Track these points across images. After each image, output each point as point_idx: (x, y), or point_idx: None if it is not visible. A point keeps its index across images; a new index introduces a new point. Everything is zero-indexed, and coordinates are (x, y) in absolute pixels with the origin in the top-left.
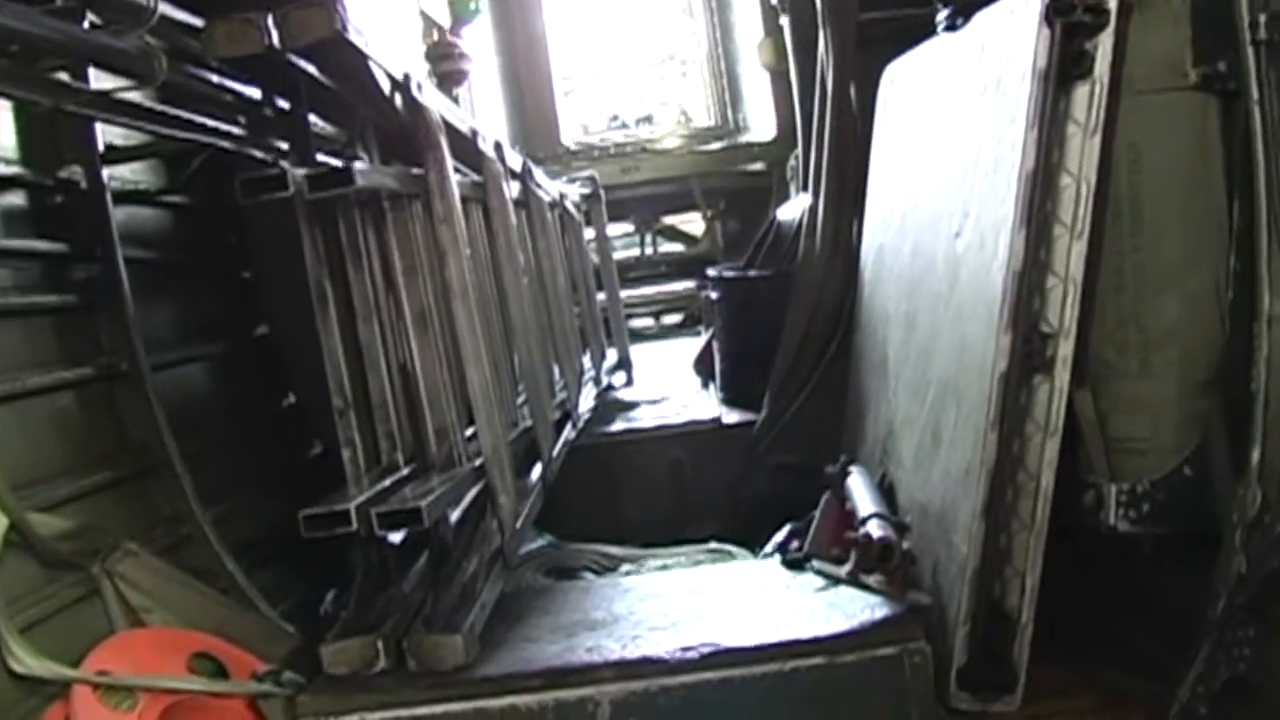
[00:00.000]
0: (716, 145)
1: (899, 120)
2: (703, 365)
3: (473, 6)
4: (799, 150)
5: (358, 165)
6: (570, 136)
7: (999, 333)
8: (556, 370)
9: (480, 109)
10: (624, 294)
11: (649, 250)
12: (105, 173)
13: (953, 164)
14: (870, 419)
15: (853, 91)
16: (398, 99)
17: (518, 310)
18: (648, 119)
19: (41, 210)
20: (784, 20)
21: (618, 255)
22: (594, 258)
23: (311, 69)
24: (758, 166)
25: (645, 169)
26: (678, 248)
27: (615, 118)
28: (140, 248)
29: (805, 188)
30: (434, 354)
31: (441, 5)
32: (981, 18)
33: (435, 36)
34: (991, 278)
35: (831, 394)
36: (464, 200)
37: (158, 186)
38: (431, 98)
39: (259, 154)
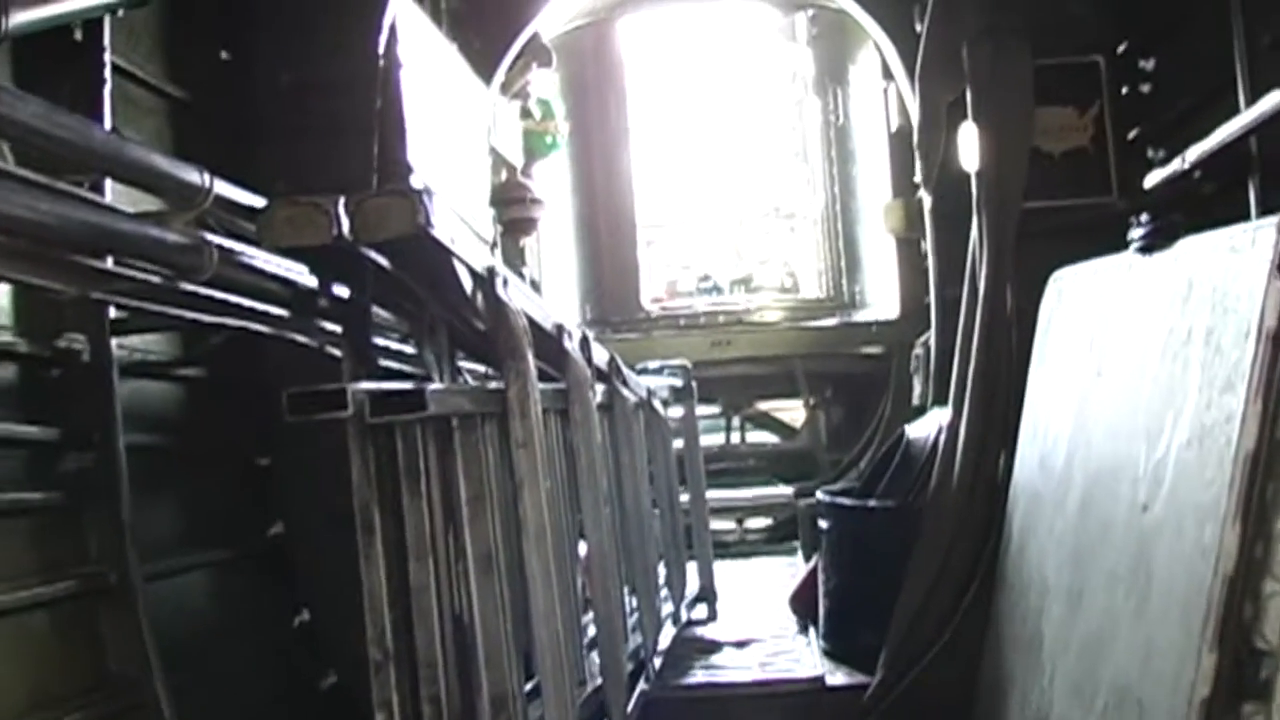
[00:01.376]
0: (827, 322)
1: (1068, 342)
2: (802, 603)
3: (550, 141)
4: (929, 337)
5: (431, 388)
6: (652, 298)
7: (1201, 647)
8: (632, 604)
9: (549, 261)
10: (710, 494)
11: (736, 439)
12: (113, 343)
13: (1140, 416)
14: (1014, 707)
15: (1009, 294)
16: (478, 296)
17: (596, 545)
18: (745, 282)
19: (34, 386)
20: (922, 191)
21: (703, 442)
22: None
23: (381, 259)
24: (874, 350)
25: (740, 344)
26: (771, 439)
27: (706, 278)
28: (145, 431)
29: (941, 399)
30: (497, 603)
31: (514, 139)
32: (1189, 246)
33: (504, 176)
34: (1193, 575)
35: (962, 662)
36: (544, 412)
37: (172, 357)
38: (516, 295)
39: (302, 339)
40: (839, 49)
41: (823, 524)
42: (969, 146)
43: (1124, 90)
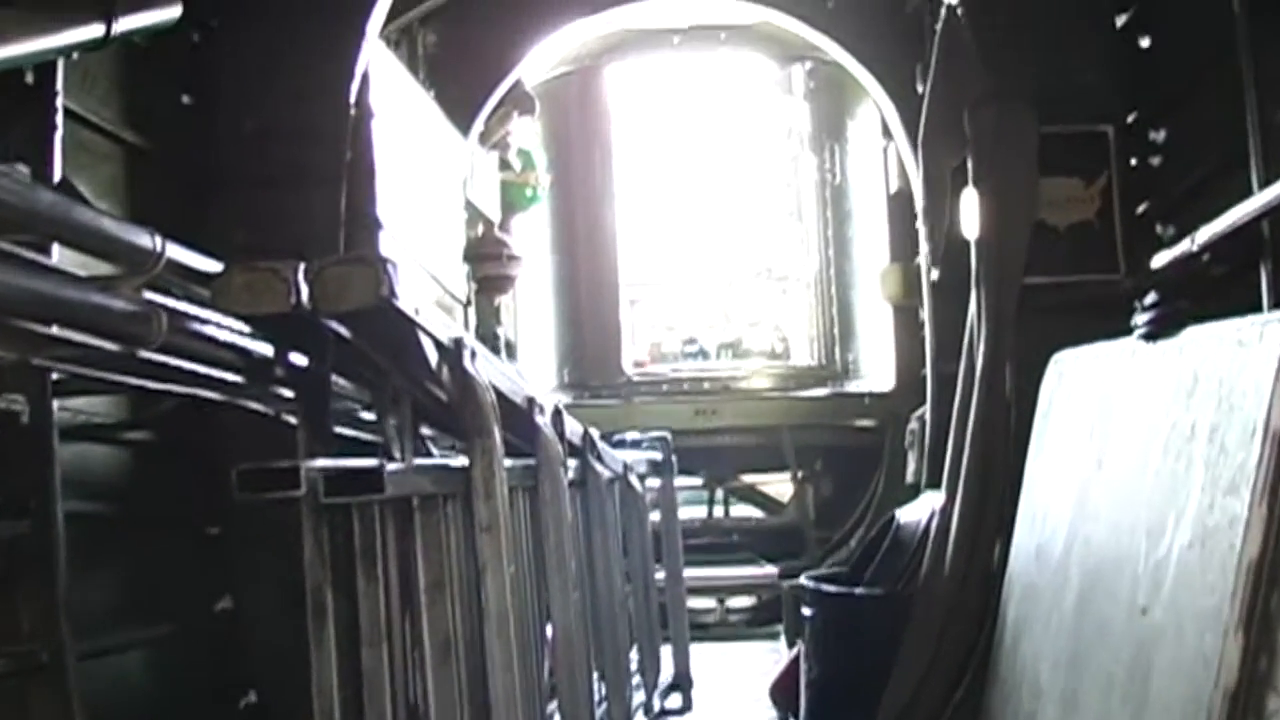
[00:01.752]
0: (819, 392)
1: (1068, 428)
2: (783, 693)
3: (530, 194)
4: (925, 412)
5: (390, 468)
6: (634, 361)
7: None
8: (601, 691)
9: (526, 320)
10: (688, 572)
11: (719, 513)
12: (55, 404)
13: (1142, 512)
14: None
15: (1008, 373)
16: (444, 369)
17: (564, 630)
18: (733, 347)
19: None
20: (923, 255)
21: (682, 515)
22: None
23: (341, 329)
24: (867, 423)
25: (726, 413)
26: (756, 514)
27: (692, 341)
28: (86, 498)
29: (935, 481)
30: (455, 693)
31: (492, 191)
32: (1195, 336)
33: (481, 231)
34: (1193, 685)
35: None
36: (511, 489)
37: (118, 419)
38: (485, 367)
39: (257, 406)
40: (837, 104)
41: (806, 611)
42: (970, 213)
43: (1133, 162)
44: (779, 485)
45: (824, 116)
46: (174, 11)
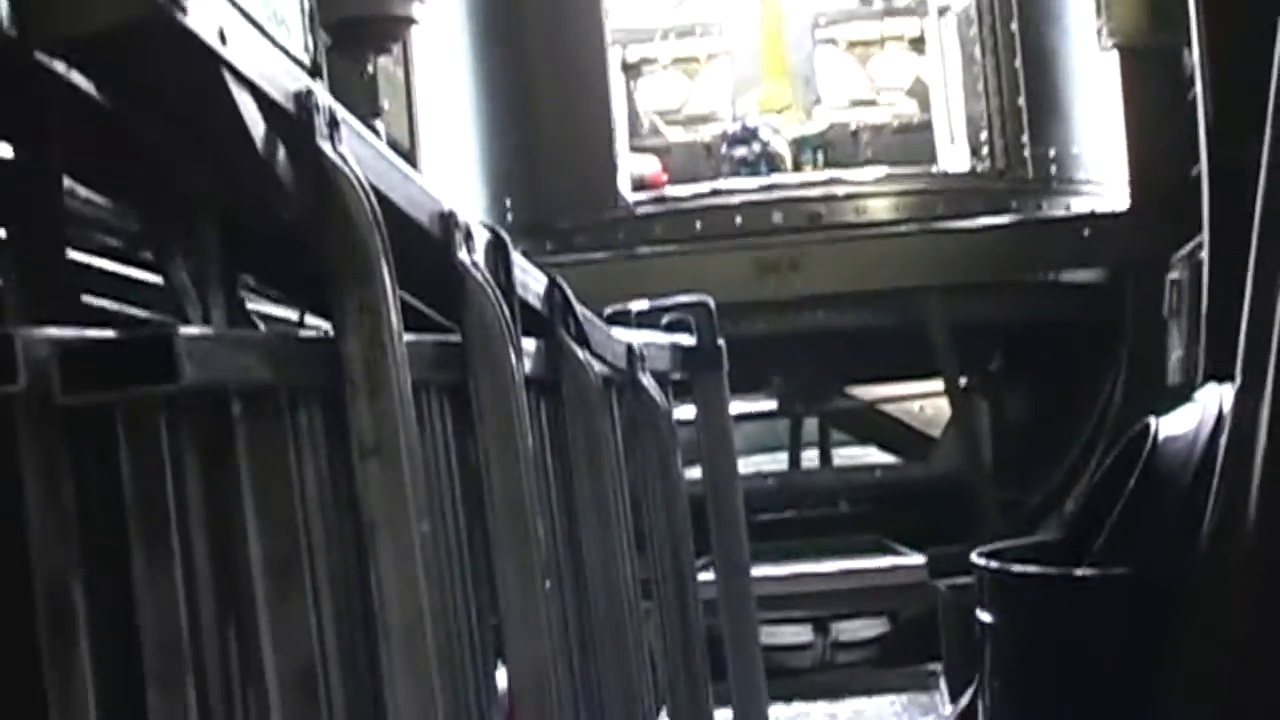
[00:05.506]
0: (993, 220)
1: None
2: None
3: None
4: (1199, 248)
5: (186, 332)
6: (640, 177)
7: None
8: None
9: (431, 108)
10: (757, 571)
11: (812, 460)
12: None
13: None
14: None
15: None
16: (279, 154)
17: (529, 666)
18: (824, 142)
19: None
20: None
21: (744, 467)
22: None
23: (80, 80)
24: (1087, 276)
25: (816, 269)
26: (882, 459)
27: (748, 136)
28: None
29: (1223, 369)
30: None
31: None
32: None
33: None
34: None
35: None
36: (420, 388)
37: None
38: (361, 151)
39: None
40: None
41: (986, 617)
42: None
43: None
44: (924, 404)
45: None
46: None
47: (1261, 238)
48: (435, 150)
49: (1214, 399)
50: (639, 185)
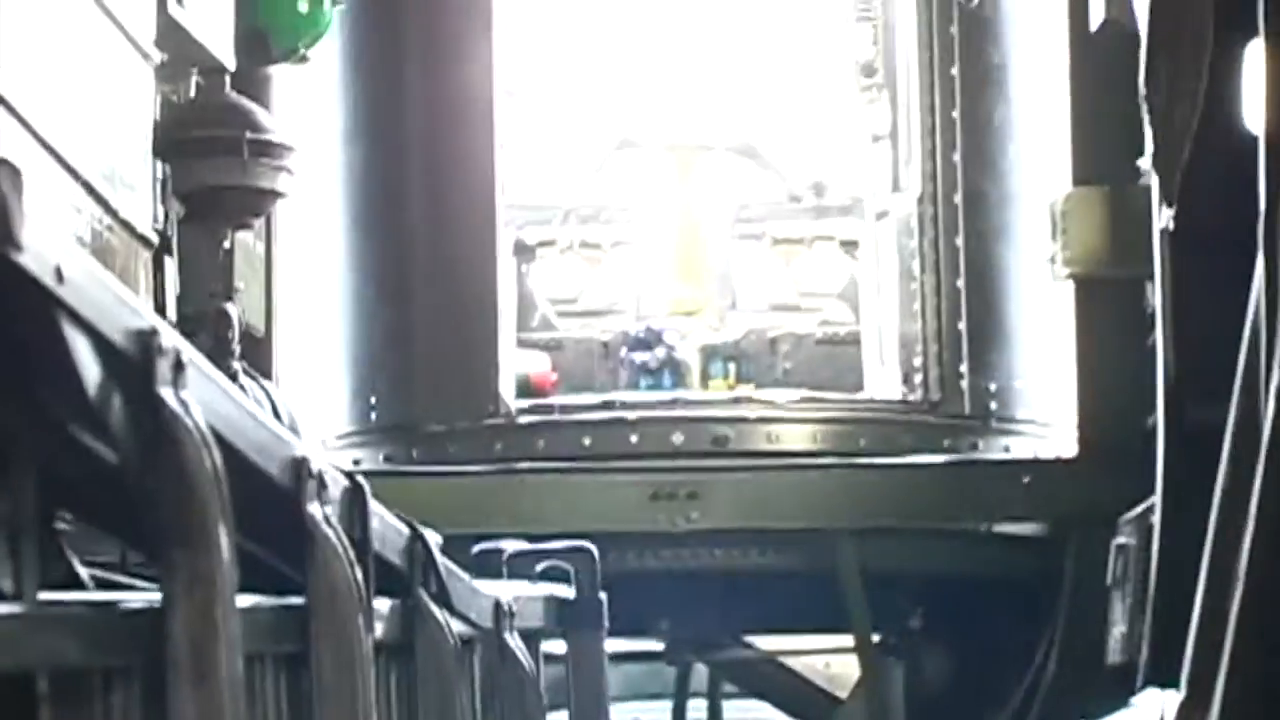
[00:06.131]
0: (923, 459)
1: None
2: None
3: (309, 10)
4: (1149, 509)
5: None
6: (523, 377)
7: None
8: None
9: (292, 288)
10: None
11: (698, 714)
12: None
13: None
14: None
15: None
16: (115, 400)
17: None
18: (736, 354)
19: None
20: (1148, 170)
21: (620, 717)
22: None
23: None
24: (1025, 529)
25: (719, 502)
26: (776, 718)
27: (649, 339)
28: None
29: (1166, 671)
30: None
31: (225, 9)
32: None
33: (195, 88)
34: None
35: None
36: (254, 659)
37: None
38: (203, 395)
39: None
40: None
41: None
42: (1257, 86)
43: None
44: (830, 660)
45: None
46: None
47: (1215, 522)
48: (294, 336)
49: (1154, 710)
50: (524, 387)
